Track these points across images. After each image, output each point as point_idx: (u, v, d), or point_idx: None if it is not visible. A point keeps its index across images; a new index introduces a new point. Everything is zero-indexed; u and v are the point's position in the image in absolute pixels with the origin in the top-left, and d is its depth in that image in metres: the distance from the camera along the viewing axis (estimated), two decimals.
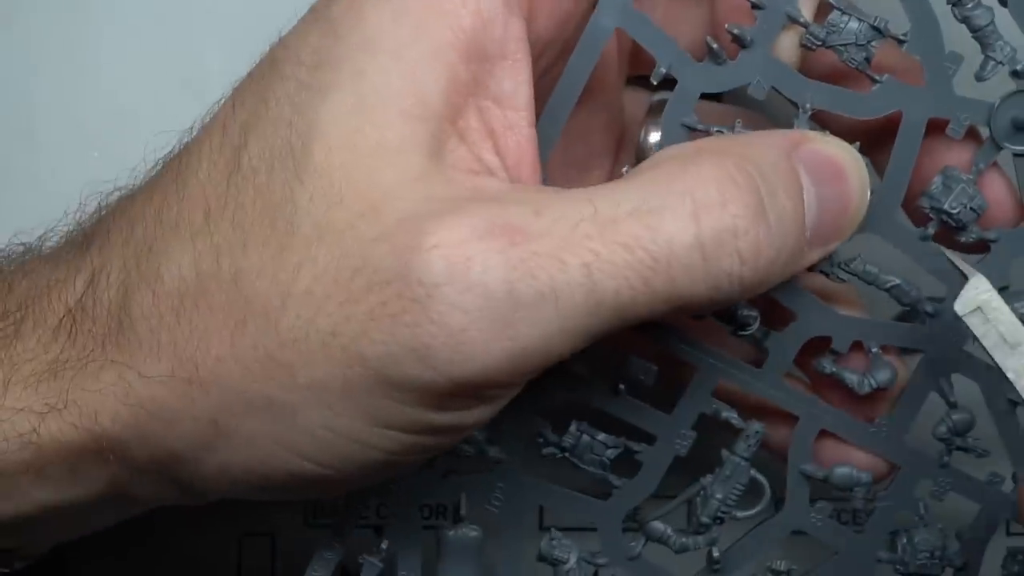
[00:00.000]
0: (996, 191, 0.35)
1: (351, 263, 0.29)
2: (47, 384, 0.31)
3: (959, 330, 0.35)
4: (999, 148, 0.35)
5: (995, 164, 0.35)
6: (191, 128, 0.33)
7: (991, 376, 0.35)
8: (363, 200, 0.30)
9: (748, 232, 0.30)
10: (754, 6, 0.34)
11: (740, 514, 0.36)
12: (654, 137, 0.37)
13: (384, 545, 0.36)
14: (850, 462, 0.36)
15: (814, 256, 0.33)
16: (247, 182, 0.31)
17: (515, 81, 0.32)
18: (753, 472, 0.36)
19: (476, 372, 0.29)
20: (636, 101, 0.38)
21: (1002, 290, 0.34)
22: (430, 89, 0.31)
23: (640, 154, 0.37)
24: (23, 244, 0.34)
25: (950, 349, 0.36)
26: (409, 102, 0.30)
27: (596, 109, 0.37)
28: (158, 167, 0.33)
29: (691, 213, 0.30)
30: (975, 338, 0.33)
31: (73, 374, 0.31)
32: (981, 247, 0.35)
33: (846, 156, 0.33)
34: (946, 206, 0.34)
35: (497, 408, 0.31)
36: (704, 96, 0.34)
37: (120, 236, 0.32)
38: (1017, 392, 0.33)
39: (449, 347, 0.29)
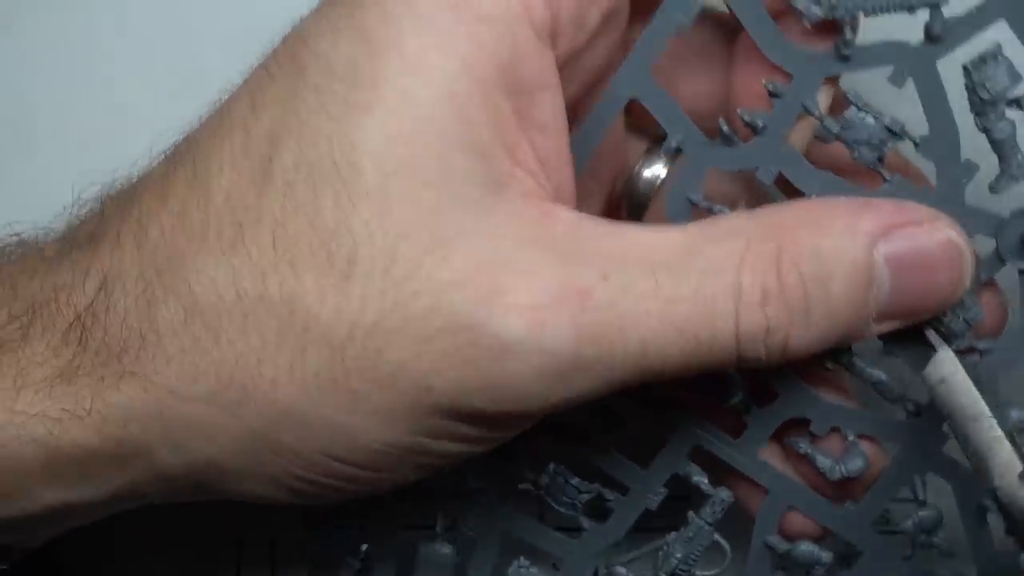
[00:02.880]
0: (988, 303, 0.34)
1: (425, 302, 0.30)
2: (61, 389, 0.31)
3: (938, 432, 0.36)
4: (1003, 262, 0.34)
5: (993, 280, 0.34)
6: (191, 124, 0.32)
7: (965, 480, 0.36)
8: (431, 236, 0.30)
9: (778, 332, 0.32)
10: (772, 94, 0.34)
11: (700, 574, 0.37)
12: (648, 172, 0.38)
13: (364, 548, 0.38)
14: (815, 536, 0.37)
15: (882, 328, 0.33)
16: (284, 197, 0.31)
17: (553, 109, 0.32)
18: (716, 536, 0.37)
19: (531, 411, 0.32)
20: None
21: None
22: (483, 125, 0.31)
23: (631, 185, 0.38)
24: (16, 235, 0.34)
25: (928, 448, 0.36)
26: (466, 138, 0.31)
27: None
28: (163, 164, 0.33)
29: (733, 311, 0.31)
30: (939, 406, 0.33)
31: (90, 381, 0.31)
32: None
33: (940, 250, 0.33)
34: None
35: (527, 427, 0.33)
36: None
37: (132, 240, 0.32)
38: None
39: (514, 394, 0.31)
